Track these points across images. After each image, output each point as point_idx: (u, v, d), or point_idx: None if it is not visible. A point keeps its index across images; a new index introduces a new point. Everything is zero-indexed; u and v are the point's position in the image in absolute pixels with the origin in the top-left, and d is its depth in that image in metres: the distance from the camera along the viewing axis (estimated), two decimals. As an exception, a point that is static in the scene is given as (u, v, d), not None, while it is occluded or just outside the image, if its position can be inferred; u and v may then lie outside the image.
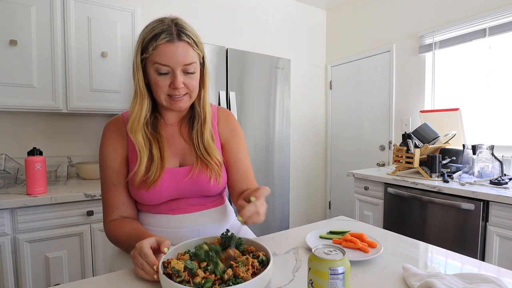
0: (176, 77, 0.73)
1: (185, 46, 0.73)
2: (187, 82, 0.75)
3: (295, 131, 3.07)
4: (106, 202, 0.80)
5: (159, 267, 0.55)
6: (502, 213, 1.36)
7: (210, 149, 0.82)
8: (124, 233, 0.73)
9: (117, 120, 0.83)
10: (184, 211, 0.82)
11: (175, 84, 0.73)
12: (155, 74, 0.73)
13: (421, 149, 1.79)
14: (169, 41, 0.71)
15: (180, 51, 0.72)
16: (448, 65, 2.24)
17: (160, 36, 0.71)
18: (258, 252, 0.62)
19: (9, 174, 1.62)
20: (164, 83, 0.74)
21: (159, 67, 0.72)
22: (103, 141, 0.82)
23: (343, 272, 0.45)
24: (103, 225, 0.81)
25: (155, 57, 0.72)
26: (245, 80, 2.02)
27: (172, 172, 0.80)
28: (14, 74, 1.50)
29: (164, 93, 0.75)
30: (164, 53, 0.71)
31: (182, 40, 0.73)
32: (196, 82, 0.78)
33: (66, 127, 1.92)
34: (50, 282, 1.40)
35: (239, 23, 2.65)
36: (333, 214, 3.26)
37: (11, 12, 1.48)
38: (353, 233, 0.80)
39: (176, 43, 0.72)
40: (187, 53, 0.73)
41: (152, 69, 0.73)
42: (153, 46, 0.71)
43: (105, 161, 0.81)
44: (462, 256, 0.73)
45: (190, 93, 0.77)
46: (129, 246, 0.66)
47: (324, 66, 3.31)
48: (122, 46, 1.78)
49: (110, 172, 0.80)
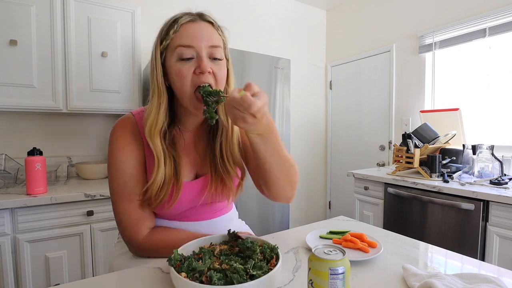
0: (202, 59, 0.64)
1: (209, 27, 0.67)
2: (215, 69, 0.66)
3: (295, 131, 3.07)
4: (130, 218, 0.70)
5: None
6: (502, 213, 1.36)
7: (236, 163, 0.75)
8: (181, 238, 0.67)
9: (129, 121, 0.73)
10: (195, 219, 0.78)
11: (201, 67, 0.64)
12: (177, 64, 0.65)
13: (421, 149, 1.79)
14: (191, 20, 0.66)
15: (204, 30, 0.66)
16: (448, 65, 2.24)
17: (182, 18, 0.66)
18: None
19: (9, 174, 1.62)
20: (189, 71, 0.65)
21: (182, 50, 0.64)
22: (118, 147, 0.70)
23: (343, 272, 0.45)
24: (131, 244, 0.72)
25: (176, 40, 0.65)
26: (245, 80, 2.01)
27: (190, 186, 0.74)
28: (14, 74, 1.50)
29: (189, 84, 0.65)
30: (187, 33, 0.64)
31: (205, 20, 0.68)
32: (224, 73, 0.69)
33: (66, 127, 1.92)
34: (50, 282, 1.40)
35: (239, 23, 2.65)
36: (333, 214, 3.26)
37: (11, 12, 1.48)
38: (353, 233, 0.80)
39: (199, 22, 0.66)
40: (212, 33, 0.67)
41: (173, 58, 0.65)
42: (174, 28, 0.65)
43: (122, 169, 0.69)
44: (462, 256, 0.73)
45: (215, 84, 0.67)
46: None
47: (324, 66, 3.30)
48: (122, 46, 1.78)
49: (130, 181, 0.70)
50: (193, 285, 0.48)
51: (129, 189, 0.70)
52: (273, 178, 0.71)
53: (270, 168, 0.69)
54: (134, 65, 1.82)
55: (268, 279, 0.50)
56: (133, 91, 1.83)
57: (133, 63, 1.82)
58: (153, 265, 0.67)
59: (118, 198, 0.70)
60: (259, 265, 0.54)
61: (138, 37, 1.82)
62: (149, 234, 0.72)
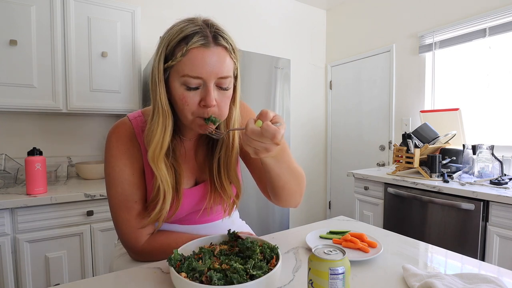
0: (209, 92, 0.59)
1: (222, 53, 0.60)
2: (219, 100, 0.62)
3: (295, 131, 3.07)
4: (128, 224, 0.68)
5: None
6: (502, 213, 1.36)
7: (234, 181, 0.74)
8: (182, 242, 0.66)
9: (125, 126, 0.70)
10: (196, 222, 0.78)
11: (207, 101, 0.59)
12: (181, 89, 0.60)
13: (421, 149, 1.78)
14: (203, 45, 0.58)
15: (215, 59, 0.59)
16: (448, 65, 2.24)
17: (193, 39, 0.57)
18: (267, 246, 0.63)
19: (9, 174, 1.62)
20: (194, 100, 0.60)
21: (188, 80, 0.58)
22: (115, 153, 0.68)
23: (343, 272, 0.45)
24: (131, 250, 0.71)
25: (184, 66, 0.58)
26: (245, 80, 2.01)
27: (190, 194, 0.73)
28: (14, 74, 1.50)
29: (192, 112, 0.62)
30: (197, 62, 0.57)
31: (219, 45, 0.60)
32: (227, 102, 0.65)
33: (66, 127, 1.92)
34: (50, 282, 1.40)
35: (239, 23, 2.65)
36: (333, 214, 3.26)
37: (11, 12, 1.48)
38: (353, 233, 0.80)
39: (212, 49, 0.58)
40: (223, 63, 0.60)
41: (178, 82, 0.60)
42: (182, 51, 0.57)
43: (120, 178, 0.67)
44: (462, 256, 0.73)
45: (219, 116, 0.63)
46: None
47: (324, 66, 3.30)
48: (122, 46, 1.78)
49: (128, 188, 0.68)
50: (193, 285, 0.48)
51: (127, 196, 0.68)
52: (286, 191, 0.70)
53: (284, 184, 0.68)
54: (134, 65, 1.82)
55: (268, 279, 0.50)
56: (133, 91, 1.83)
57: (133, 63, 1.82)
58: (153, 265, 0.67)
59: (117, 206, 0.69)
60: (259, 265, 0.54)
61: (138, 37, 1.82)
62: (149, 239, 0.71)
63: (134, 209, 0.69)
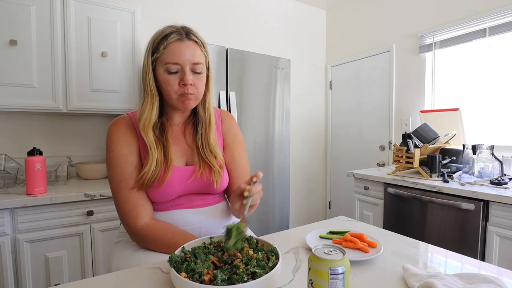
0: (186, 74, 0.77)
1: (193, 45, 0.79)
2: (195, 81, 0.80)
3: (295, 131, 3.07)
4: (128, 203, 0.78)
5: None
6: (502, 213, 1.36)
7: (215, 152, 0.87)
8: (178, 232, 0.78)
9: (124, 119, 0.84)
10: (188, 206, 0.85)
11: (185, 80, 0.77)
12: (165, 74, 0.78)
13: (421, 149, 1.79)
14: (179, 39, 0.77)
15: (189, 49, 0.78)
16: (448, 65, 2.24)
17: (171, 36, 0.77)
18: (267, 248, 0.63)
19: (9, 174, 1.62)
20: (174, 81, 0.78)
21: (169, 66, 0.77)
22: (114, 139, 0.81)
23: (343, 272, 0.45)
24: (129, 228, 0.79)
25: (165, 56, 0.76)
26: (245, 80, 2.02)
27: (180, 170, 0.83)
28: (14, 74, 1.50)
29: (175, 91, 0.79)
30: (174, 51, 0.76)
31: (191, 39, 0.79)
32: (203, 83, 0.83)
33: (66, 127, 1.92)
34: (50, 282, 1.40)
35: (239, 23, 2.65)
36: (333, 214, 3.26)
37: (11, 12, 1.48)
38: (353, 233, 0.80)
39: (185, 42, 0.78)
40: (195, 52, 0.79)
41: (162, 69, 0.78)
42: (163, 45, 0.76)
43: (119, 158, 0.79)
44: (462, 256, 0.73)
45: (196, 93, 0.81)
46: (174, 246, 0.72)
47: (324, 66, 3.30)
48: (122, 46, 1.78)
49: (128, 168, 0.79)
50: (193, 285, 0.48)
51: (126, 175, 0.79)
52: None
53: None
54: (134, 65, 1.82)
55: (268, 279, 0.50)
56: (133, 91, 1.83)
57: (133, 63, 1.82)
58: (153, 265, 0.67)
59: (117, 186, 0.79)
60: (259, 265, 0.54)
61: (138, 37, 1.82)
62: (149, 224, 0.78)
63: (132, 187, 0.79)
